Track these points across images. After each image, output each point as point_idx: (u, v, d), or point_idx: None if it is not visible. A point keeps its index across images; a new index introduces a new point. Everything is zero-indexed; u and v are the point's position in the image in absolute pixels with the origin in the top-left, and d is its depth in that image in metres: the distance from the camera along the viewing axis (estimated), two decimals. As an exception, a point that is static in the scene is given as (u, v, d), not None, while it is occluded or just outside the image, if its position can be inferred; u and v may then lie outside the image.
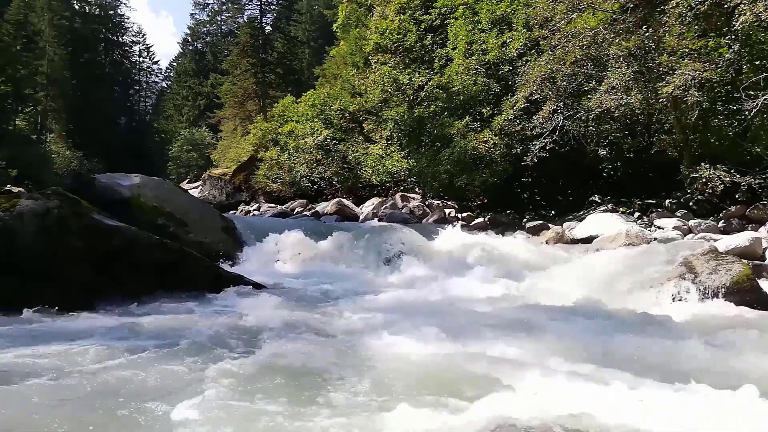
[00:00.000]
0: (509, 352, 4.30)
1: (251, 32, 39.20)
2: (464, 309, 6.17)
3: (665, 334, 4.97)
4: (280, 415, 3.14)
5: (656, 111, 12.45)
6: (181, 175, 42.92)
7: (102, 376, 3.71)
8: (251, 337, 4.86)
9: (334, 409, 3.23)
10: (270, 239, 10.13)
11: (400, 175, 18.51)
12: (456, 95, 16.42)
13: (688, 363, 4.17)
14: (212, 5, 55.81)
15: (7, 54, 25.25)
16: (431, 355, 4.27)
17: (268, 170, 24.66)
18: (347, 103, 21.59)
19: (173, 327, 5.09)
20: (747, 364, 4.15)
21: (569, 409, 3.07)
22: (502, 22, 16.54)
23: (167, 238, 7.49)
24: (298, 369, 3.95)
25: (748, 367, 4.06)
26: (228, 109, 39.84)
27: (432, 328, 4.92)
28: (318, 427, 3.02)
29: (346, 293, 7.37)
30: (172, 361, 4.06)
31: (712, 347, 4.57)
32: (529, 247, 10.70)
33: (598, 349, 4.47)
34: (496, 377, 3.75)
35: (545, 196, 15.03)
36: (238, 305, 6.35)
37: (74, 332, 4.82)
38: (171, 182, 16.36)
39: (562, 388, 3.48)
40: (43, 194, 6.34)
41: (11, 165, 20.17)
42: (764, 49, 10.92)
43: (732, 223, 10.83)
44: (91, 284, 6.11)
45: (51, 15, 38.85)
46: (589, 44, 12.31)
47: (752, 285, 6.39)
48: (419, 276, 8.83)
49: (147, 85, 61.99)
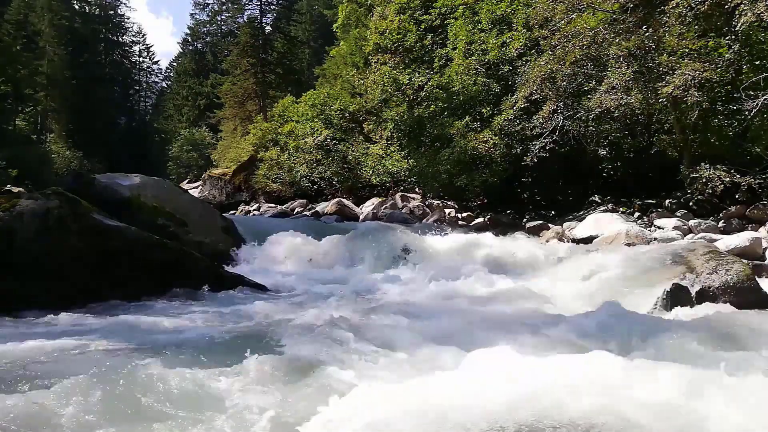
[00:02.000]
0: (509, 352, 4.30)
1: (251, 32, 39.17)
2: (464, 309, 6.17)
3: (665, 334, 4.97)
4: (281, 415, 3.14)
5: (656, 111, 12.45)
6: (181, 175, 42.91)
7: (102, 377, 3.71)
8: (251, 337, 4.86)
9: (335, 409, 3.22)
10: (270, 239, 10.14)
11: (400, 175, 18.50)
12: (456, 95, 16.41)
13: (688, 362, 4.16)
14: (212, 5, 55.81)
15: (7, 54, 25.23)
16: (431, 355, 4.27)
17: (268, 170, 24.66)
18: (347, 103, 21.59)
19: (173, 327, 5.09)
20: (747, 364, 4.15)
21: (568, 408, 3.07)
22: (502, 22, 16.53)
23: (167, 238, 7.50)
24: (298, 369, 3.95)
25: (748, 367, 4.06)
26: (228, 109, 39.83)
27: (431, 327, 4.92)
28: (319, 426, 3.03)
29: (347, 293, 7.37)
30: (172, 361, 4.06)
31: (712, 347, 4.57)
32: (529, 247, 10.71)
33: (596, 349, 4.46)
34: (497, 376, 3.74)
35: (545, 196, 15.03)
36: (238, 306, 6.35)
37: (74, 332, 4.82)
38: (171, 182, 16.38)
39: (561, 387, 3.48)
40: (43, 194, 6.34)
41: (11, 165, 20.14)
42: (764, 49, 10.92)
43: (732, 223, 10.83)
44: (91, 284, 6.11)
45: (51, 15, 38.86)
46: (589, 44, 12.30)
47: (752, 285, 6.40)
48: (419, 276, 8.83)
49: (147, 85, 62.01)
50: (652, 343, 4.66)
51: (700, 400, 3.27)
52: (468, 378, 3.47)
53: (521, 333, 4.90)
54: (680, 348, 4.54)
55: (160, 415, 3.15)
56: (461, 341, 4.61)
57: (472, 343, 4.58)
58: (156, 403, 3.28)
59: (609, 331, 5.06)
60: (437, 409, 3.05)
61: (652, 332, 5.04)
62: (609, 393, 3.28)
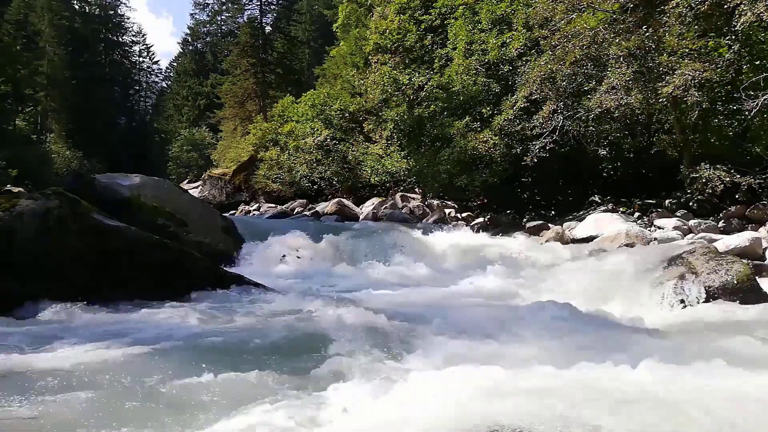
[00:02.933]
0: (510, 352, 4.30)
1: (251, 32, 39.16)
2: (463, 308, 6.17)
3: (665, 334, 4.98)
4: (282, 415, 3.14)
5: (656, 111, 12.45)
6: (181, 175, 42.90)
7: (102, 376, 3.71)
8: (251, 337, 4.86)
9: (336, 408, 3.22)
10: (270, 239, 10.14)
11: (400, 175, 18.51)
12: (456, 95, 16.41)
13: (688, 362, 4.16)
14: (212, 5, 55.80)
15: (7, 54, 25.23)
16: (431, 355, 4.27)
17: (268, 170, 24.67)
18: (347, 103, 21.59)
19: (173, 327, 5.09)
20: (747, 364, 4.15)
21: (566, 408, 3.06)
22: (502, 22, 16.53)
23: (167, 238, 7.49)
24: (299, 368, 3.96)
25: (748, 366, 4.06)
26: (228, 109, 39.82)
27: (430, 326, 4.92)
28: (320, 425, 3.03)
29: (347, 293, 7.37)
30: (172, 361, 4.06)
31: (713, 347, 4.57)
32: (529, 247, 10.71)
33: (597, 349, 4.46)
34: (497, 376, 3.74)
35: (545, 196, 15.03)
36: (238, 305, 6.35)
37: (74, 332, 4.81)
38: (171, 182, 16.37)
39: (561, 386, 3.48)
40: (43, 194, 6.33)
41: (11, 165, 20.14)
42: (764, 49, 10.93)
43: (732, 223, 10.84)
44: (91, 284, 6.10)
45: (51, 15, 38.87)
46: (589, 44, 12.30)
47: (752, 285, 6.39)
48: (419, 276, 8.84)
49: (147, 85, 62.01)
50: (652, 343, 4.66)
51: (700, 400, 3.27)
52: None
53: (522, 332, 4.90)
54: (680, 348, 4.54)
55: (160, 414, 3.14)
56: (461, 341, 4.61)
57: (471, 341, 4.59)
58: (156, 402, 3.28)
59: (608, 331, 5.06)
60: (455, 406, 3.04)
61: (652, 332, 5.04)
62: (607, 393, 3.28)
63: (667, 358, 3.87)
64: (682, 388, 3.31)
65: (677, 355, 4.18)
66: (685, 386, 3.34)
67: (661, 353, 4.39)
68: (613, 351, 4.40)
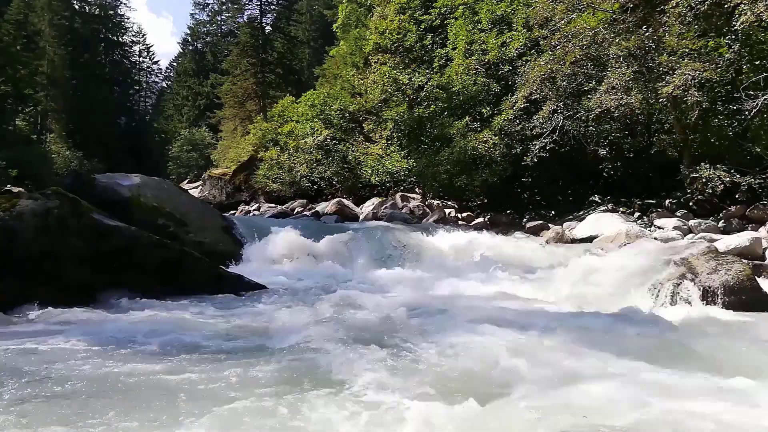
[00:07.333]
0: (510, 351, 4.30)
1: (251, 32, 39.15)
2: (462, 308, 6.16)
3: (665, 334, 4.97)
4: (283, 415, 3.14)
5: (656, 111, 12.46)
6: (181, 175, 42.87)
7: (102, 376, 3.71)
8: (251, 336, 4.86)
9: (337, 408, 3.22)
10: (270, 239, 10.12)
11: (400, 175, 18.48)
12: (456, 95, 16.42)
13: (687, 362, 4.17)
14: (212, 5, 55.84)
15: (7, 54, 25.20)
16: (431, 354, 4.27)
17: (268, 170, 24.65)
18: (347, 103, 21.55)
19: (173, 327, 5.08)
20: (747, 364, 4.15)
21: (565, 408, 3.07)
22: (502, 22, 16.54)
23: (167, 238, 7.49)
24: (299, 368, 3.95)
25: (747, 367, 4.06)
26: (228, 109, 39.80)
27: (430, 326, 4.92)
28: (321, 424, 3.02)
29: (346, 293, 7.35)
30: (171, 361, 4.06)
31: (712, 347, 4.57)
32: (529, 247, 10.71)
33: (597, 349, 4.46)
34: (496, 375, 3.75)
35: (545, 196, 15.03)
36: (238, 305, 6.36)
37: (74, 332, 4.81)
38: (171, 182, 16.36)
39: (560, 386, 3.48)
40: (43, 194, 6.33)
41: (11, 165, 20.10)
42: (764, 49, 10.93)
43: (732, 223, 10.84)
44: (90, 284, 6.11)
45: (51, 15, 38.84)
46: (589, 44, 12.31)
47: (752, 285, 6.39)
48: (419, 275, 8.83)
49: (147, 85, 61.95)
50: (652, 343, 4.66)
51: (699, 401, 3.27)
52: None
53: (521, 332, 4.90)
54: (680, 348, 4.54)
55: (159, 413, 3.14)
56: (460, 340, 4.61)
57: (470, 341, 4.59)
58: (156, 401, 3.28)
59: (608, 331, 5.06)
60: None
61: (652, 333, 5.04)
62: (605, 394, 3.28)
63: (667, 358, 3.87)
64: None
65: (677, 355, 4.18)
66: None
67: (661, 353, 4.40)
68: (612, 351, 4.41)
